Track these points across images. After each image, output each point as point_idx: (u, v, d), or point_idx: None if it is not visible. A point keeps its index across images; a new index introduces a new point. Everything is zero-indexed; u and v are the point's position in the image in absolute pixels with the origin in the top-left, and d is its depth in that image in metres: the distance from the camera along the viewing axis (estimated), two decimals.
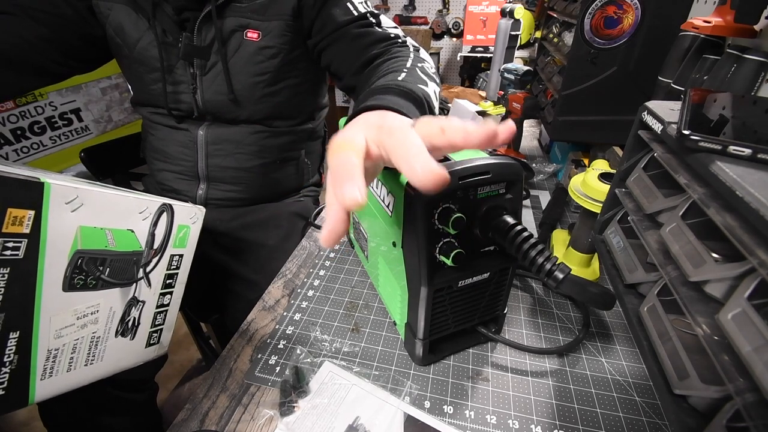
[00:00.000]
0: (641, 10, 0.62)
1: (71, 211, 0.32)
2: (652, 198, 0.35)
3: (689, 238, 0.29)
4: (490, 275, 0.41)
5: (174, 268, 0.45)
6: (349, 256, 0.65)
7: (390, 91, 0.40)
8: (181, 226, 0.44)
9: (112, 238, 0.36)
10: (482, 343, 0.48)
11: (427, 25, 2.96)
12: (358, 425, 0.39)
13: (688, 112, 0.30)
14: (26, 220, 0.29)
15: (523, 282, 0.58)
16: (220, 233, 0.76)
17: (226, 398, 0.43)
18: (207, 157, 0.73)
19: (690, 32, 0.52)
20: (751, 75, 0.43)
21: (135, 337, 0.41)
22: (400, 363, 0.46)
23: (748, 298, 0.23)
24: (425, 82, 0.47)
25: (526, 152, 1.02)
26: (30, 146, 1.68)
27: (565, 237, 0.62)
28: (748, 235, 0.23)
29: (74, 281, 0.33)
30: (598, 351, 0.47)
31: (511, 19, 1.22)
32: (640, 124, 0.38)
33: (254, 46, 0.67)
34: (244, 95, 0.70)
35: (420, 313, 0.40)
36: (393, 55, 0.59)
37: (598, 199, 0.48)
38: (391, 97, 0.39)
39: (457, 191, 0.35)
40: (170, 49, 0.67)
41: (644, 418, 0.39)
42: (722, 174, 0.25)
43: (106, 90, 1.98)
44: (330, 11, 0.64)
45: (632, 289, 0.39)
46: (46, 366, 0.32)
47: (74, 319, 0.34)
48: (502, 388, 0.43)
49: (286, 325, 0.52)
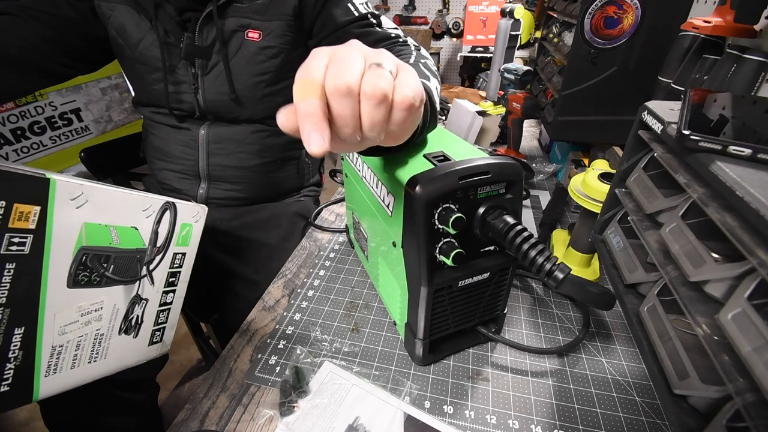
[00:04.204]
0: (641, 10, 0.62)
1: (76, 208, 0.32)
2: (652, 198, 0.35)
3: (689, 238, 0.29)
4: (490, 275, 0.41)
5: (177, 266, 0.45)
6: (349, 256, 0.65)
7: None
8: (184, 224, 0.44)
9: (116, 235, 0.36)
10: (482, 343, 0.48)
11: (427, 25, 2.96)
12: (358, 425, 0.39)
13: (688, 112, 0.30)
14: (32, 215, 0.29)
15: (523, 282, 0.58)
16: (220, 232, 0.76)
17: (226, 398, 0.43)
18: (208, 156, 0.74)
19: (690, 32, 0.52)
20: (751, 75, 0.43)
21: (138, 334, 0.41)
22: (400, 363, 0.46)
23: (748, 298, 0.23)
24: (428, 78, 0.47)
25: (526, 152, 1.02)
26: (30, 146, 1.68)
27: (565, 237, 0.62)
28: (748, 235, 0.23)
29: (79, 278, 0.33)
30: (598, 351, 0.47)
31: (511, 19, 1.22)
32: (640, 124, 0.38)
33: (255, 46, 0.67)
34: (245, 95, 0.70)
35: (420, 313, 0.40)
36: (395, 53, 0.60)
37: (598, 199, 0.48)
38: None
39: (457, 191, 0.35)
40: (172, 49, 0.67)
41: (644, 418, 0.40)
42: (722, 174, 0.25)
43: (106, 90, 1.98)
44: (331, 12, 0.65)
45: (632, 289, 0.39)
46: (51, 362, 0.32)
47: (78, 316, 0.34)
48: (502, 388, 0.43)
49: (286, 325, 0.52)
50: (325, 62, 0.25)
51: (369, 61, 0.25)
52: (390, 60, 0.26)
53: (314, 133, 0.24)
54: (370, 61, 0.25)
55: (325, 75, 0.24)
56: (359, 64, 0.25)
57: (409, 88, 0.25)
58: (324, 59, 0.25)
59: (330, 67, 0.24)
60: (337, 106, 0.24)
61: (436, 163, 0.37)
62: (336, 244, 0.68)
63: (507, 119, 0.91)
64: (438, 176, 0.34)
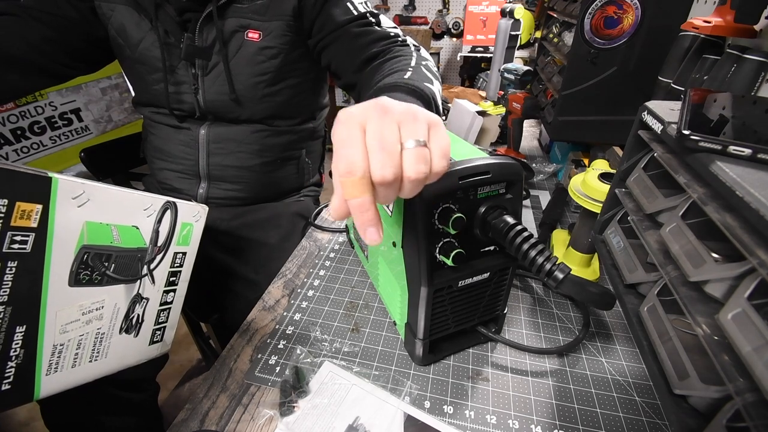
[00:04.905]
0: (641, 10, 0.62)
1: (78, 207, 0.32)
2: (652, 198, 0.35)
3: (689, 238, 0.29)
4: (490, 275, 0.41)
5: (177, 265, 0.45)
6: (349, 256, 0.65)
7: (399, 88, 0.41)
8: (184, 223, 0.44)
9: (118, 234, 0.36)
10: (482, 343, 0.48)
11: (427, 25, 2.96)
12: (358, 425, 0.39)
13: (688, 112, 0.30)
14: (34, 214, 0.29)
15: (523, 282, 0.58)
16: (220, 232, 0.76)
17: (226, 398, 0.43)
18: (208, 155, 0.74)
19: (690, 32, 0.52)
20: (751, 75, 0.43)
21: (139, 334, 0.41)
22: (400, 363, 0.46)
23: (748, 298, 0.23)
24: (431, 81, 0.47)
25: (526, 152, 1.02)
26: (30, 146, 1.68)
27: (565, 237, 0.62)
28: (748, 235, 0.23)
29: (80, 276, 0.33)
30: (598, 351, 0.47)
31: (511, 19, 1.22)
32: (640, 124, 0.38)
33: (255, 47, 0.67)
34: (245, 95, 0.70)
35: (420, 313, 0.40)
36: (395, 54, 0.60)
37: (598, 199, 0.48)
38: (399, 95, 0.39)
39: (457, 191, 0.35)
40: (172, 49, 0.67)
41: (644, 418, 0.40)
42: (722, 174, 0.25)
43: (106, 90, 1.98)
44: (330, 11, 0.65)
45: (632, 289, 0.39)
46: (52, 361, 0.32)
47: (79, 315, 0.34)
48: (502, 388, 0.43)
49: (286, 325, 0.52)
50: (362, 150, 0.26)
51: (404, 132, 0.26)
52: (422, 124, 0.27)
53: (371, 228, 0.26)
54: (405, 132, 0.26)
55: (368, 166, 0.25)
56: (397, 148, 0.26)
57: (443, 156, 0.27)
58: (360, 146, 0.26)
59: (372, 157, 0.26)
60: (384, 191, 0.26)
61: None
62: (336, 244, 0.68)
63: (507, 119, 0.91)
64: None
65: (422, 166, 0.26)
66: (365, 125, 0.27)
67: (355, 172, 0.25)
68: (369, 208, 0.26)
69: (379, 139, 0.26)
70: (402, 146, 0.26)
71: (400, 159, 0.26)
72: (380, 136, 0.26)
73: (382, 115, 0.27)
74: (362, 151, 0.26)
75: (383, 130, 0.26)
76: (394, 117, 0.27)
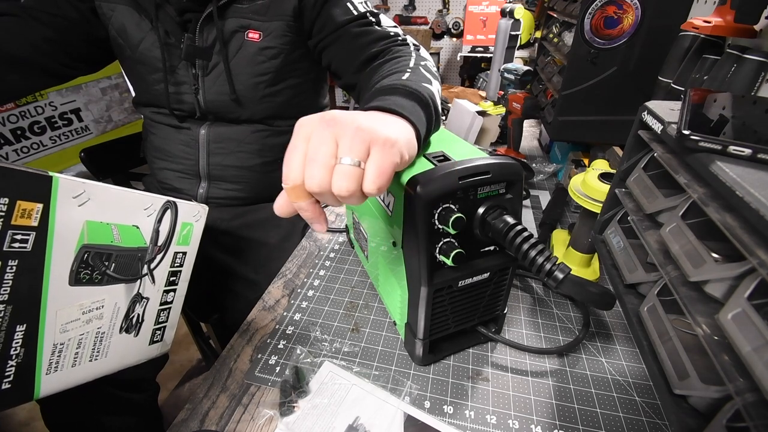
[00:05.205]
0: (641, 10, 0.62)
1: (78, 206, 0.32)
2: (652, 198, 0.35)
3: (689, 238, 0.29)
4: (490, 275, 0.41)
5: (177, 265, 0.45)
6: (349, 256, 0.65)
7: (396, 91, 0.41)
8: (184, 223, 0.44)
9: (118, 233, 0.36)
10: (482, 343, 0.48)
11: (427, 25, 2.97)
12: (358, 425, 0.39)
13: (688, 112, 0.30)
14: (35, 213, 0.29)
15: (523, 282, 0.58)
16: (220, 232, 0.76)
17: (226, 398, 0.43)
18: (208, 155, 0.74)
19: (690, 32, 0.52)
20: (751, 75, 0.43)
21: (139, 333, 0.41)
22: (400, 363, 0.46)
23: (748, 298, 0.23)
24: (429, 81, 0.47)
25: (526, 152, 1.02)
26: (30, 146, 1.68)
27: (565, 237, 0.62)
28: (748, 235, 0.23)
29: (80, 275, 0.33)
30: (598, 351, 0.47)
31: (511, 19, 1.22)
32: (640, 124, 0.38)
33: (255, 47, 0.67)
34: (245, 95, 0.70)
35: (420, 313, 0.40)
36: (395, 54, 0.59)
37: (598, 199, 0.48)
38: (396, 98, 0.39)
39: (457, 191, 0.35)
40: (172, 49, 0.67)
41: (644, 418, 0.40)
42: (722, 174, 0.25)
43: (106, 90, 1.98)
44: (330, 11, 0.65)
45: (632, 289, 0.39)
46: (52, 360, 0.32)
47: (80, 314, 0.34)
48: (502, 388, 0.43)
49: (286, 325, 0.52)
50: (301, 160, 0.29)
51: (341, 149, 0.28)
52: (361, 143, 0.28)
53: (314, 224, 0.31)
54: (342, 148, 0.28)
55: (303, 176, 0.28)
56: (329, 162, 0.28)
57: (378, 176, 0.28)
58: (299, 156, 0.29)
59: (306, 168, 0.28)
60: (321, 198, 0.30)
61: (436, 163, 0.37)
62: (336, 244, 0.68)
63: (507, 119, 0.91)
64: (438, 176, 0.34)
65: (348, 184, 0.28)
66: (310, 136, 0.29)
67: (291, 181, 0.29)
68: (307, 209, 0.30)
69: (313, 153, 0.28)
70: (338, 161, 0.28)
71: (330, 173, 0.28)
72: (315, 150, 0.28)
73: (324, 129, 0.29)
74: (301, 161, 0.28)
75: (320, 144, 0.28)
76: (334, 131, 0.28)
